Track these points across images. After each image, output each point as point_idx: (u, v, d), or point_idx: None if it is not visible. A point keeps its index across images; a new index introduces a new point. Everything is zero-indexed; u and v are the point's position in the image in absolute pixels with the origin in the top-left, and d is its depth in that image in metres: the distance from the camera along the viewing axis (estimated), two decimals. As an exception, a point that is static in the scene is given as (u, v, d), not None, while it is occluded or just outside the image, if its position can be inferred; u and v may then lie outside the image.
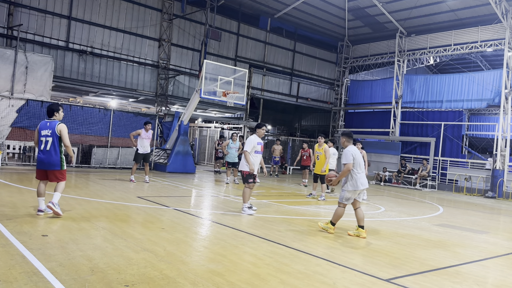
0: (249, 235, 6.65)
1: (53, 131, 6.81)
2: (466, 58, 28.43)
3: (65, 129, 6.89)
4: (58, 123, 6.87)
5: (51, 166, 6.84)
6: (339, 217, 7.31)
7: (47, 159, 6.81)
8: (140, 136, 12.68)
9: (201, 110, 25.18)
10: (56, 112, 6.96)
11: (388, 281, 4.86)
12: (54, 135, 6.81)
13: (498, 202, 16.98)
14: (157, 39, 21.31)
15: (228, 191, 12.84)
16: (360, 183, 7.23)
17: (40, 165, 6.90)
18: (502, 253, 7.02)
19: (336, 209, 7.39)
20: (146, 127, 12.76)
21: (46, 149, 6.80)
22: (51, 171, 6.89)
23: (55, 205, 6.73)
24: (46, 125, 6.87)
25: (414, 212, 11.35)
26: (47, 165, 6.85)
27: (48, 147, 6.79)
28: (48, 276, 4.06)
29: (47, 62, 16.45)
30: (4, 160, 14.45)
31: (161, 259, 4.91)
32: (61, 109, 7.09)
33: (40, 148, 6.84)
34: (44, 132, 6.83)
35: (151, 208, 8.40)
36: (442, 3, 21.14)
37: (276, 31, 26.19)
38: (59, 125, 6.85)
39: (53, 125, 6.84)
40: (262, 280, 4.49)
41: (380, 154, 24.51)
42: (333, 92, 29.20)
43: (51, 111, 6.94)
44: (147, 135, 12.77)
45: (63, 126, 6.88)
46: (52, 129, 6.82)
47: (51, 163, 6.82)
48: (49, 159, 6.81)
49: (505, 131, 19.68)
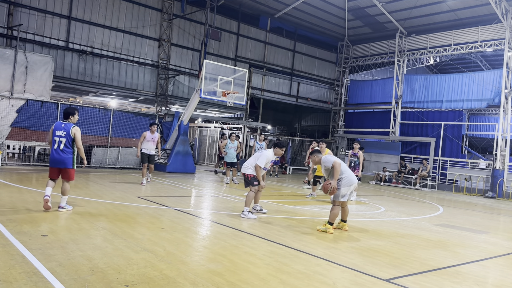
0: (249, 235, 6.65)
1: (67, 133, 7.22)
2: (466, 58, 28.43)
3: (79, 132, 7.31)
4: (73, 126, 7.27)
5: (63, 164, 7.24)
6: (335, 216, 7.34)
7: (60, 157, 7.21)
8: (145, 138, 12.42)
9: (201, 110, 25.19)
10: (72, 116, 7.39)
11: (388, 281, 4.85)
12: (68, 136, 7.22)
13: (498, 202, 16.98)
14: (157, 39, 21.31)
15: (228, 191, 12.83)
16: (352, 177, 7.50)
17: (53, 163, 7.28)
18: (502, 253, 7.01)
19: (331, 209, 7.42)
20: (152, 129, 12.48)
21: (60, 148, 7.19)
22: (64, 169, 7.28)
23: (64, 207, 7.28)
24: (60, 126, 7.26)
25: (414, 212, 11.35)
26: (60, 163, 7.23)
27: (62, 147, 7.19)
28: (48, 276, 4.05)
29: (47, 62, 16.44)
30: (4, 160, 14.45)
31: (161, 259, 4.91)
32: (77, 113, 7.55)
33: (54, 147, 7.22)
34: (58, 132, 7.22)
35: (151, 208, 8.40)
36: (442, 3, 21.14)
37: (276, 31, 26.19)
38: (74, 128, 7.26)
39: (68, 127, 7.25)
40: (262, 280, 4.48)
41: (380, 154, 24.51)
42: (333, 92, 29.20)
43: (68, 114, 7.34)
44: (151, 137, 12.44)
45: (77, 129, 7.29)
46: (66, 130, 7.22)
47: (63, 161, 7.22)
48: (62, 158, 7.21)
49: (505, 131, 19.68)
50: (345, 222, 7.72)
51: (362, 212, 10.64)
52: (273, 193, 13.22)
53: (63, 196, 7.31)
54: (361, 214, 10.25)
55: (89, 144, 16.62)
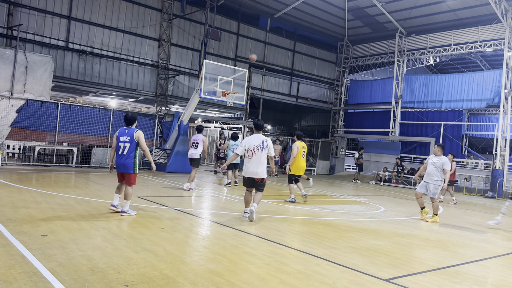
0: (249, 235, 6.65)
1: (131, 138, 7.48)
2: (466, 58, 28.45)
3: (142, 135, 7.57)
4: (136, 130, 7.55)
5: (126, 169, 7.50)
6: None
7: (123, 162, 7.48)
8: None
9: (201, 110, 25.18)
10: (134, 122, 7.70)
11: (388, 281, 4.86)
12: (132, 141, 7.48)
13: (498, 202, 16.98)
14: (157, 39, 21.31)
15: (228, 191, 12.83)
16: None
17: (119, 168, 7.59)
18: (502, 253, 7.02)
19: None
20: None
21: (124, 153, 7.47)
22: (127, 173, 7.53)
23: (127, 211, 7.49)
24: (124, 132, 7.55)
25: (414, 212, 11.35)
26: (123, 168, 7.51)
27: (126, 152, 7.46)
28: (48, 276, 4.05)
29: (47, 62, 16.44)
30: (4, 160, 14.45)
31: (161, 259, 4.91)
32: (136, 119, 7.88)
33: (118, 153, 7.51)
34: (122, 138, 7.51)
35: (151, 208, 8.40)
36: (442, 3, 21.15)
37: (276, 31, 26.19)
38: (137, 132, 7.53)
39: (131, 132, 7.51)
40: (262, 280, 4.49)
41: (380, 154, 24.53)
42: (333, 92, 29.20)
43: (131, 120, 7.62)
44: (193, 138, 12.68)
45: (140, 133, 7.55)
46: (130, 135, 7.49)
47: (126, 166, 7.48)
48: (125, 163, 7.47)
49: (505, 131, 19.69)
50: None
51: (362, 212, 10.64)
52: (273, 193, 13.22)
53: (125, 201, 7.48)
54: (361, 214, 10.25)
55: (89, 144, 16.62)
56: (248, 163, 7.91)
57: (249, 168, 7.89)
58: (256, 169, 7.87)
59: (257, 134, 8.09)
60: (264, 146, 7.91)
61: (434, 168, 9.65)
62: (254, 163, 7.87)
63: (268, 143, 7.99)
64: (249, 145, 7.90)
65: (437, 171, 9.61)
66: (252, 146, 7.88)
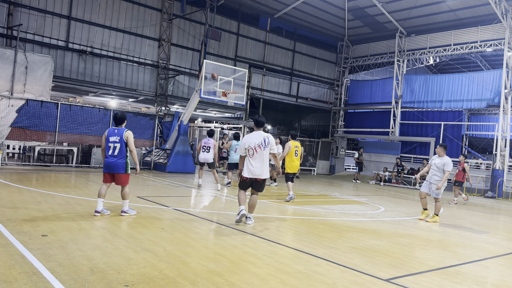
0: (249, 235, 6.64)
1: (121, 138, 7.32)
2: (466, 58, 28.45)
3: (131, 135, 7.45)
4: (125, 130, 7.42)
5: (117, 170, 7.31)
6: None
7: (114, 163, 7.29)
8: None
9: (201, 110, 25.18)
10: (124, 121, 7.56)
11: (388, 281, 4.86)
12: (122, 141, 7.32)
13: (498, 202, 16.98)
14: (157, 39, 21.31)
15: (228, 191, 12.83)
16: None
17: (107, 168, 7.35)
18: (502, 253, 7.02)
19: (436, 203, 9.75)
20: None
21: (114, 154, 7.30)
22: (117, 174, 7.35)
23: (127, 211, 7.45)
24: (114, 132, 7.37)
25: (414, 212, 11.35)
26: (114, 169, 7.30)
27: (116, 152, 7.29)
28: (48, 276, 4.05)
29: (47, 62, 16.44)
30: (4, 160, 14.44)
31: (161, 259, 4.91)
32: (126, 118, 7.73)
33: (108, 153, 7.32)
34: (112, 138, 7.34)
35: (151, 208, 8.40)
36: (442, 3, 21.15)
37: (276, 31, 26.19)
38: (126, 132, 7.40)
39: (121, 132, 7.36)
40: (262, 280, 4.48)
41: (380, 154, 24.52)
42: (333, 92, 29.20)
43: (122, 119, 7.47)
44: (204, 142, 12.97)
45: (130, 133, 7.44)
46: (120, 135, 7.33)
47: (118, 166, 7.30)
48: (116, 163, 7.29)
49: (505, 131, 19.69)
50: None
51: (362, 212, 10.64)
52: (273, 193, 13.22)
53: (124, 201, 7.43)
54: (361, 214, 10.25)
55: (89, 144, 16.61)
56: (250, 163, 7.36)
57: (251, 168, 7.34)
58: (261, 169, 7.36)
59: (257, 132, 7.55)
60: (266, 143, 7.39)
61: (436, 168, 9.70)
62: (258, 162, 7.35)
63: (270, 139, 7.47)
64: (250, 143, 7.38)
65: (439, 172, 9.66)
66: (253, 144, 7.36)
